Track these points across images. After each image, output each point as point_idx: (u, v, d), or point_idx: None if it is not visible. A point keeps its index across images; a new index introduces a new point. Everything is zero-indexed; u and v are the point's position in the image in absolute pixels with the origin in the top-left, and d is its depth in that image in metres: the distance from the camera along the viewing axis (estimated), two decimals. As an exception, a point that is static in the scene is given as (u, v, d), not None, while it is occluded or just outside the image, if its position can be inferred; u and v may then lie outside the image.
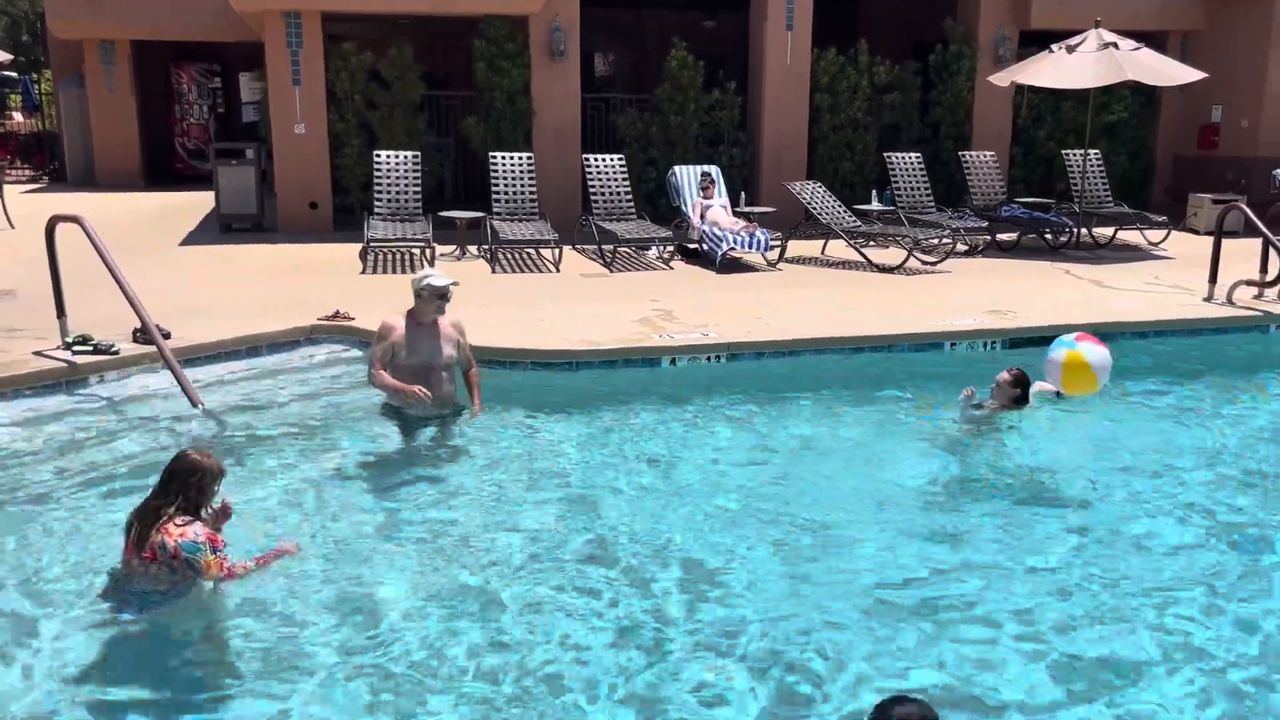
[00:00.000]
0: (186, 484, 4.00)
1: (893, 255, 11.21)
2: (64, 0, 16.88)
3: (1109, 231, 12.70)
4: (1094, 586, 4.37)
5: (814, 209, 11.64)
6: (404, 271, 10.42)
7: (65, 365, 6.49)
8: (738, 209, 12.04)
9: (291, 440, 5.95)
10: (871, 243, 11.59)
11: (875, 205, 12.66)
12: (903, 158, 12.92)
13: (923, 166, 12.94)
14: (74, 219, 6.66)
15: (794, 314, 8.43)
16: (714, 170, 12.10)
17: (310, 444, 5.92)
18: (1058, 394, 6.21)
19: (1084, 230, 12.46)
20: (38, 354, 6.66)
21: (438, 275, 6.08)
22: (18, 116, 23.23)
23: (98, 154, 18.19)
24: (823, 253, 11.78)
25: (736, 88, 13.73)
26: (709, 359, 7.32)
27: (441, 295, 6.00)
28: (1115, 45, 11.32)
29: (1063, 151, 13.62)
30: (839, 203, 11.96)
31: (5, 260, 10.61)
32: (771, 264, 11.04)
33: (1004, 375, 6.24)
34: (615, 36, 18.12)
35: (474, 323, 7.70)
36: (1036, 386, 6.28)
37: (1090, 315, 8.39)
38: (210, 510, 4.14)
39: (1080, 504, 5.32)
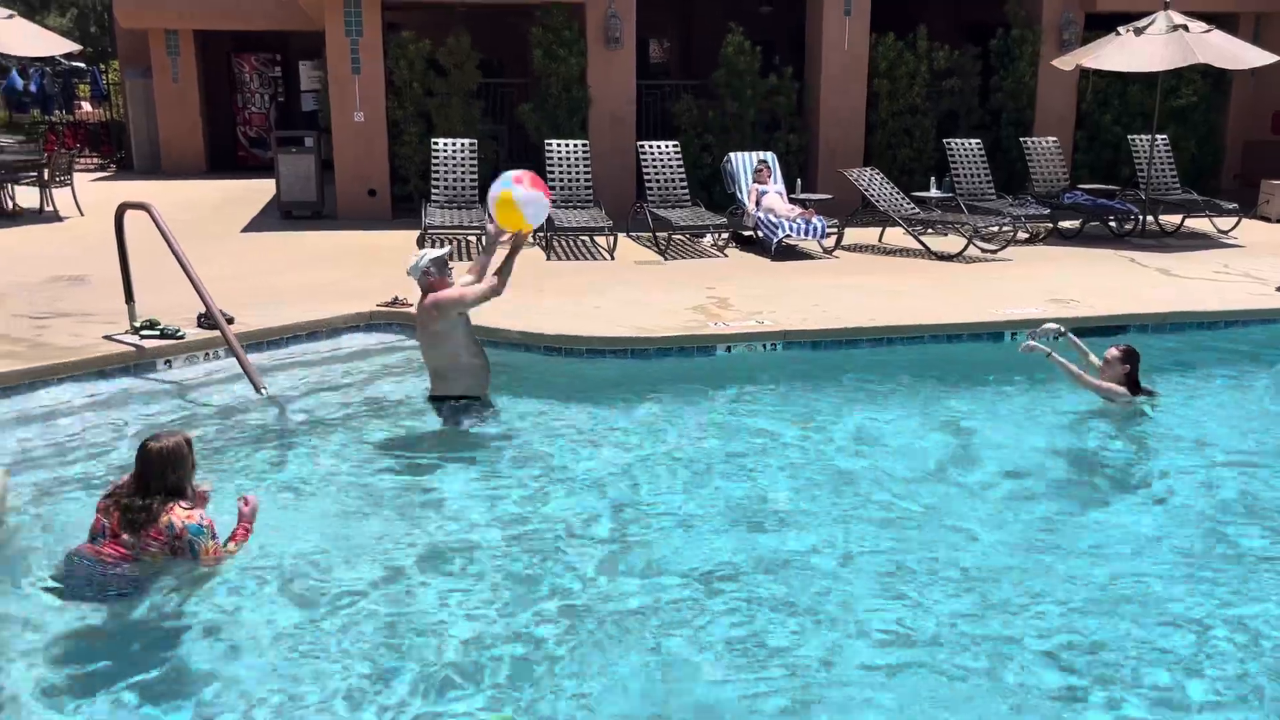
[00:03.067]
0: (163, 476, 3.99)
1: (952, 243, 11.05)
2: (130, -9, 17.25)
3: (1176, 219, 12.37)
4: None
5: (871, 196, 11.50)
6: (460, 258, 10.51)
7: (133, 349, 6.66)
8: (793, 196, 11.93)
9: (344, 425, 6.03)
10: (930, 230, 11.43)
11: (934, 192, 12.47)
12: (962, 144, 12.71)
13: (983, 153, 12.72)
14: (143, 207, 6.81)
15: (851, 302, 8.35)
16: (770, 156, 12.00)
17: (362, 429, 5.98)
18: (1058, 335, 6.37)
19: (1150, 217, 12.15)
20: (107, 338, 6.84)
21: (427, 251, 6.14)
22: (86, 106, 23.76)
23: (163, 143, 18.57)
24: (880, 240, 11.64)
25: (793, 73, 13.60)
26: (764, 347, 7.28)
27: (445, 263, 6.07)
28: (1185, 27, 11.01)
29: (1129, 137, 13.28)
30: (897, 189, 11.81)
31: (76, 247, 10.89)
32: (828, 251, 10.94)
33: (1113, 351, 6.14)
34: (670, 22, 18.05)
35: (529, 309, 7.80)
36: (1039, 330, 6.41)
37: (1156, 304, 8.20)
38: (193, 490, 4.14)
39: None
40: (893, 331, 7.56)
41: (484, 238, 6.22)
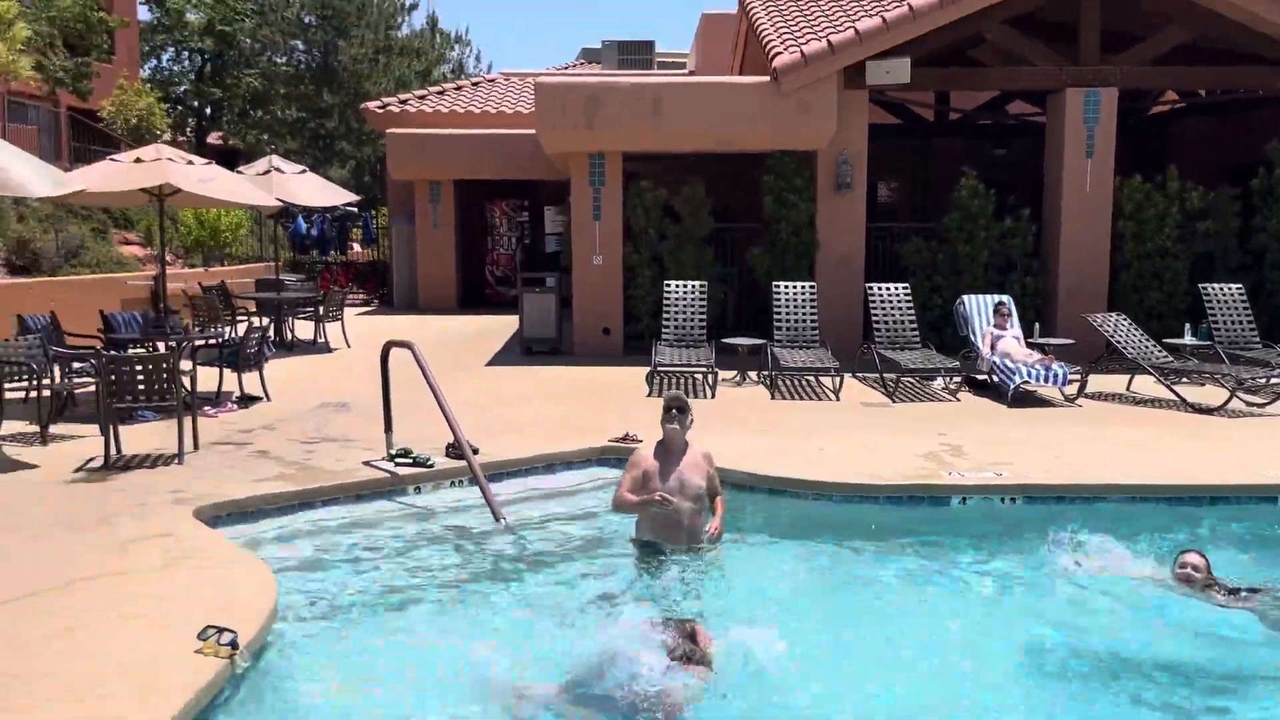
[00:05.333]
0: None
1: (1211, 394, 10.27)
2: (400, 146, 19.25)
3: None
4: None
5: (1117, 342, 10.92)
6: (686, 395, 10.71)
7: (388, 475, 7.18)
8: (1031, 340, 11.52)
9: (577, 555, 6.19)
10: (1185, 380, 10.67)
11: (1189, 339, 11.71)
12: (1221, 288, 11.92)
13: (1244, 298, 11.87)
14: (406, 345, 7.45)
15: (1098, 455, 7.87)
16: (1008, 300, 11.68)
17: (596, 559, 6.10)
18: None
19: None
20: (366, 464, 7.41)
21: (680, 398, 6.17)
22: (356, 248, 26.43)
23: (421, 281, 20.28)
24: (1128, 389, 10.98)
25: (1030, 215, 13.31)
26: (1003, 500, 6.95)
27: (679, 408, 6.04)
28: None
29: None
30: (1146, 336, 11.15)
31: (342, 375, 11.96)
32: (1070, 399, 10.42)
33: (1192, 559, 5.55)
34: (900, 166, 18.18)
35: (752, 449, 7.84)
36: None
37: None
38: None
39: None
40: (1149, 490, 7.01)
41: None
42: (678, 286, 12.49)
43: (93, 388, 8.97)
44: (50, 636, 4.45)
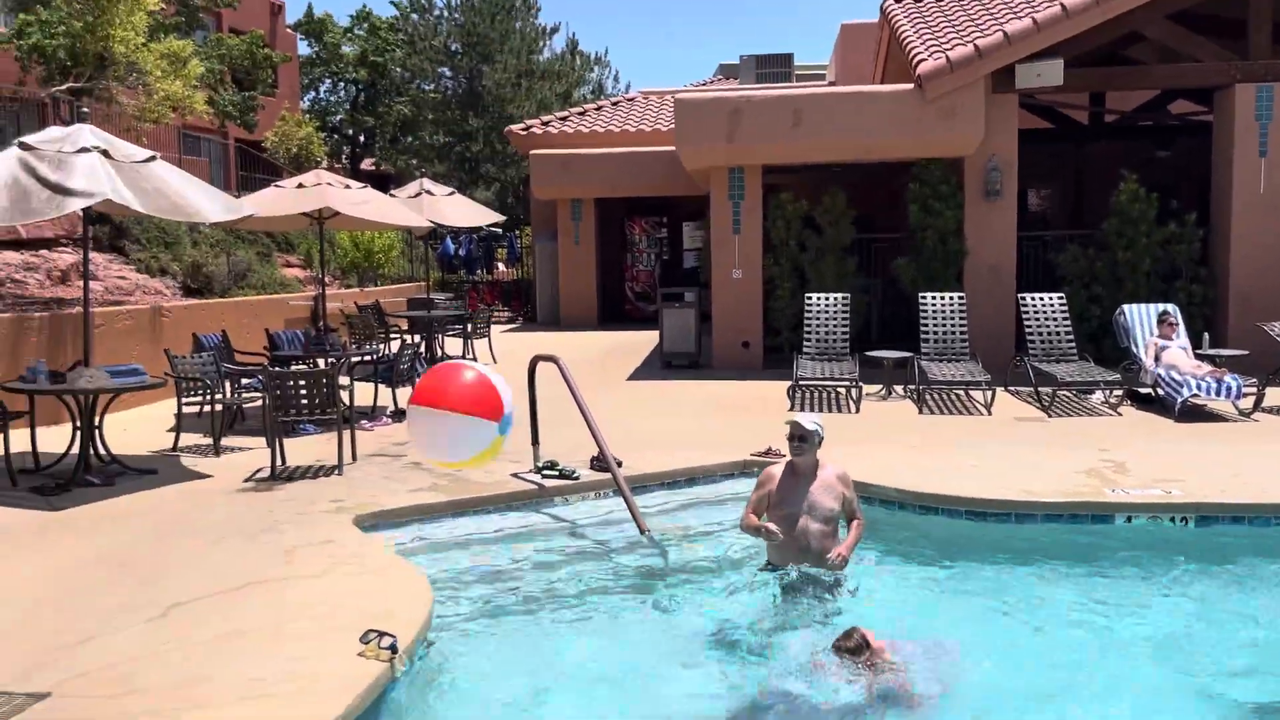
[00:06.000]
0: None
1: None
2: (542, 167, 19.69)
3: None
4: None
5: (1298, 352, 10.18)
6: (830, 410, 10.57)
7: (536, 487, 7.31)
8: (1199, 351, 10.86)
9: (724, 568, 6.14)
10: (1377, 392, 9.86)
11: (1381, 348, 10.81)
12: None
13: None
14: (552, 359, 7.59)
15: (1278, 472, 7.34)
16: (1173, 309, 11.04)
17: (733, 578, 6.02)
18: None
19: None
20: (514, 475, 7.57)
21: (807, 417, 5.88)
22: (501, 267, 27.17)
23: (563, 298, 20.66)
24: (1311, 402, 10.22)
25: (1196, 219, 12.58)
26: (1173, 520, 6.55)
27: (801, 437, 5.78)
28: None
29: None
30: (1331, 345, 10.37)
31: (488, 390, 12.25)
32: (1244, 414, 9.76)
33: None
34: (1051, 171, 17.48)
35: (900, 465, 7.63)
36: None
37: None
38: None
39: None
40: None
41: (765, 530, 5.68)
42: (819, 299, 12.32)
43: (260, 402, 9.48)
44: (222, 637, 4.69)
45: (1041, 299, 11.70)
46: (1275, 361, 10.75)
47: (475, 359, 14.91)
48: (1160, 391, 10.01)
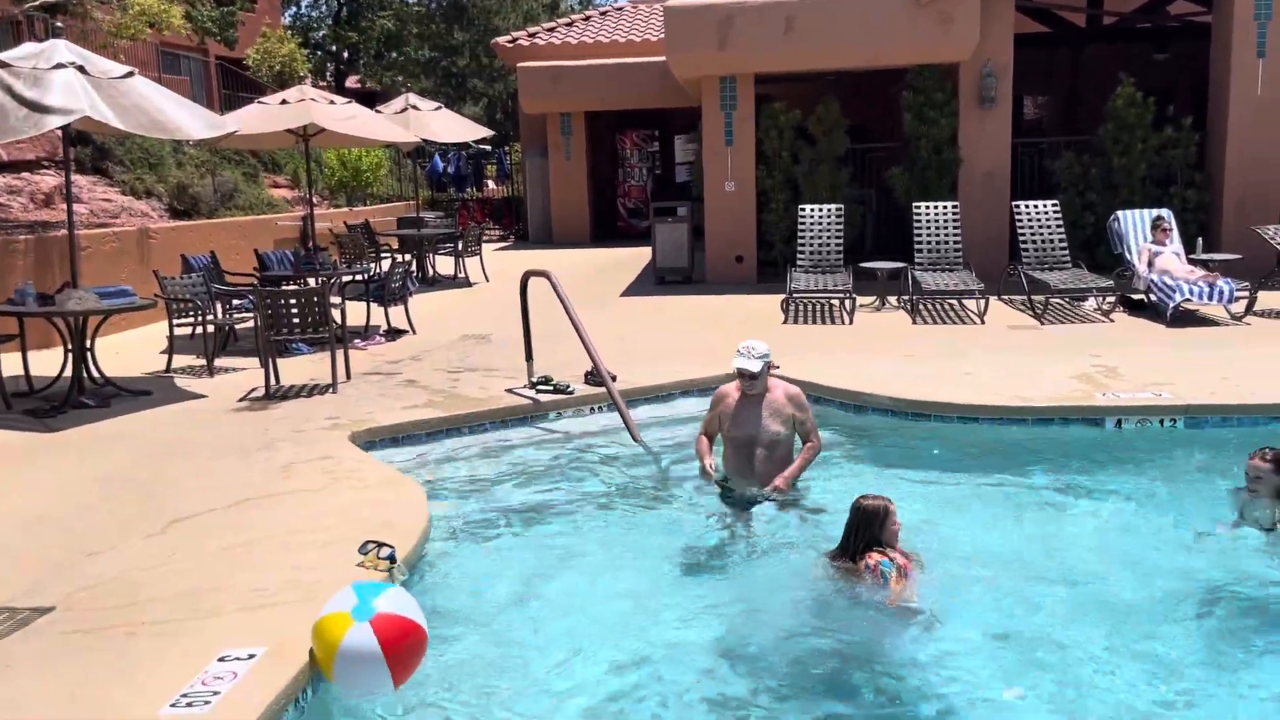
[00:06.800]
0: (869, 531, 4.52)
1: (1400, 309, 9.48)
2: (531, 80, 19.33)
3: None
4: None
5: (1292, 256, 10.17)
6: (824, 322, 10.58)
7: (530, 402, 7.34)
8: (1193, 256, 10.84)
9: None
10: (1369, 294, 9.89)
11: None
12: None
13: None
14: (543, 274, 7.55)
15: (1270, 374, 7.39)
16: (1167, 213, 10.98)
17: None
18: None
19: None
20: (509, 391, 7.60)
21: (748, 356, 5.61)
22: (491, 184, 26.86)
23: (555, 215, 20.48)
24: (1303, 305, 10.25)
25: (1193, 123, 12.43)
26: (1162, 422, 6.61)
27: (750, 377, 5.60)
28: None
29: None
30: (1325, 248, 10.36)
31: (482, 308, 12.25)
32: (1236, 318, 9.79)
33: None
34: (1048, 77, 17.21)
35: (894, 374, 7.67)
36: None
37: None
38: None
39: None
40: (1329, 411, 6.56)
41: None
42: (813, 210, 12.22)
43: (251, 322, 9.43)
44: (224, 550, 4.75)
45: (1036, 206, 11.62)
46: (1269, 266, 10.74)
47: (466, 278, 14.84)
48: (1153, 297, 10.02)
